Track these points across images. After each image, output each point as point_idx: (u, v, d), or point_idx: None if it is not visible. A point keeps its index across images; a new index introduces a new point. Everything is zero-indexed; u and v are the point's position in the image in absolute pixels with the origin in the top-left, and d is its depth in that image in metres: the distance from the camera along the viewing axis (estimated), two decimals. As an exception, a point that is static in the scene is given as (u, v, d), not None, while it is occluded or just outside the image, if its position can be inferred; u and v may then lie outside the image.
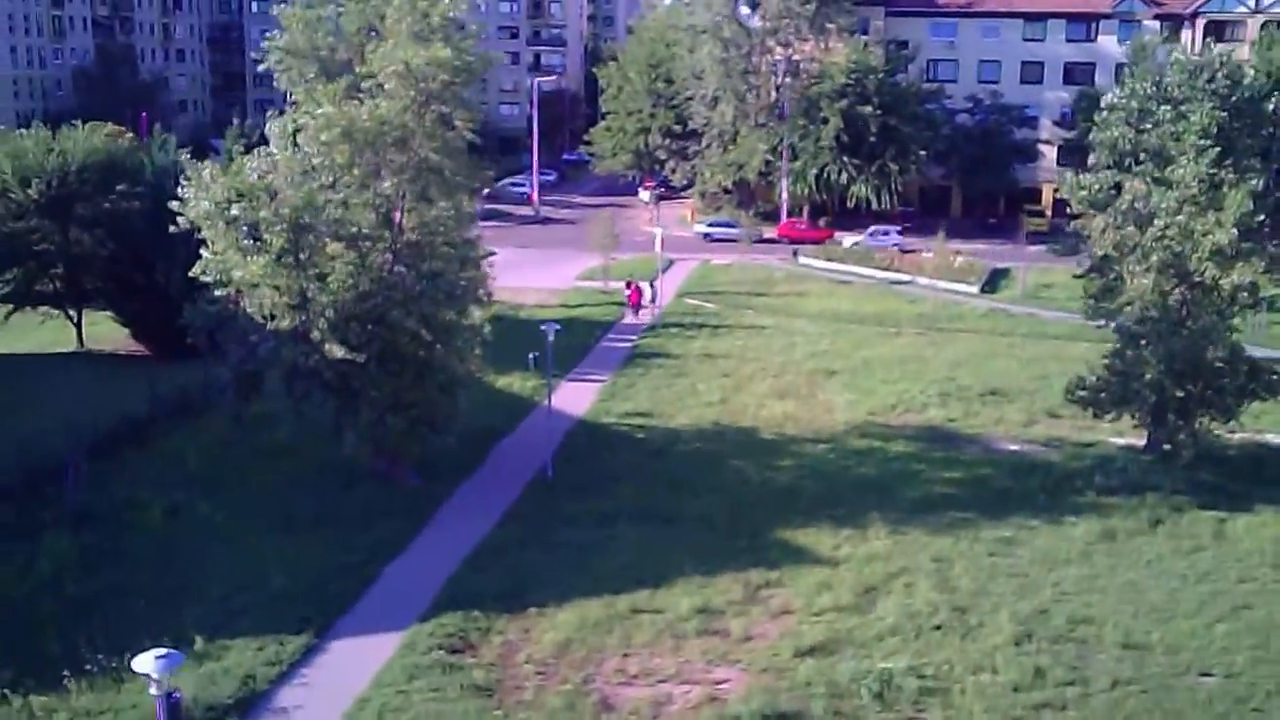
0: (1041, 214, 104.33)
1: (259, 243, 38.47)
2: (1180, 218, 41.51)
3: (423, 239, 41.91)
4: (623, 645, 31.22)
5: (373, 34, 41.36)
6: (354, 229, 39.98)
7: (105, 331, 64.62)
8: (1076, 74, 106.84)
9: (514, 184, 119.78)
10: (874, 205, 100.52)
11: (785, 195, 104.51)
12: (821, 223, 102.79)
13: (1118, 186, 44.42)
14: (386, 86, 39.41)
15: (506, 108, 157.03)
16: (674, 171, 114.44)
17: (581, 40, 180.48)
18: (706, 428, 49.88)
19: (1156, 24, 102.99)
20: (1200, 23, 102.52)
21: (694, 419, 50.98)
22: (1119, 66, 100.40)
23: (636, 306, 71.69)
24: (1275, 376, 43.61)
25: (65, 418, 44.99)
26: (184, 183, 39.80)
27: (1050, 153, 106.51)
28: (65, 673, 28.45)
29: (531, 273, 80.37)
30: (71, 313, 64.36)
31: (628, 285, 73.30)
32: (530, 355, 54.09)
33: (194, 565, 35.72)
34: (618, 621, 32.31)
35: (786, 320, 70.04)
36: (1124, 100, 44.51)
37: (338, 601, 33.45)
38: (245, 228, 38.60)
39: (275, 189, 39.07)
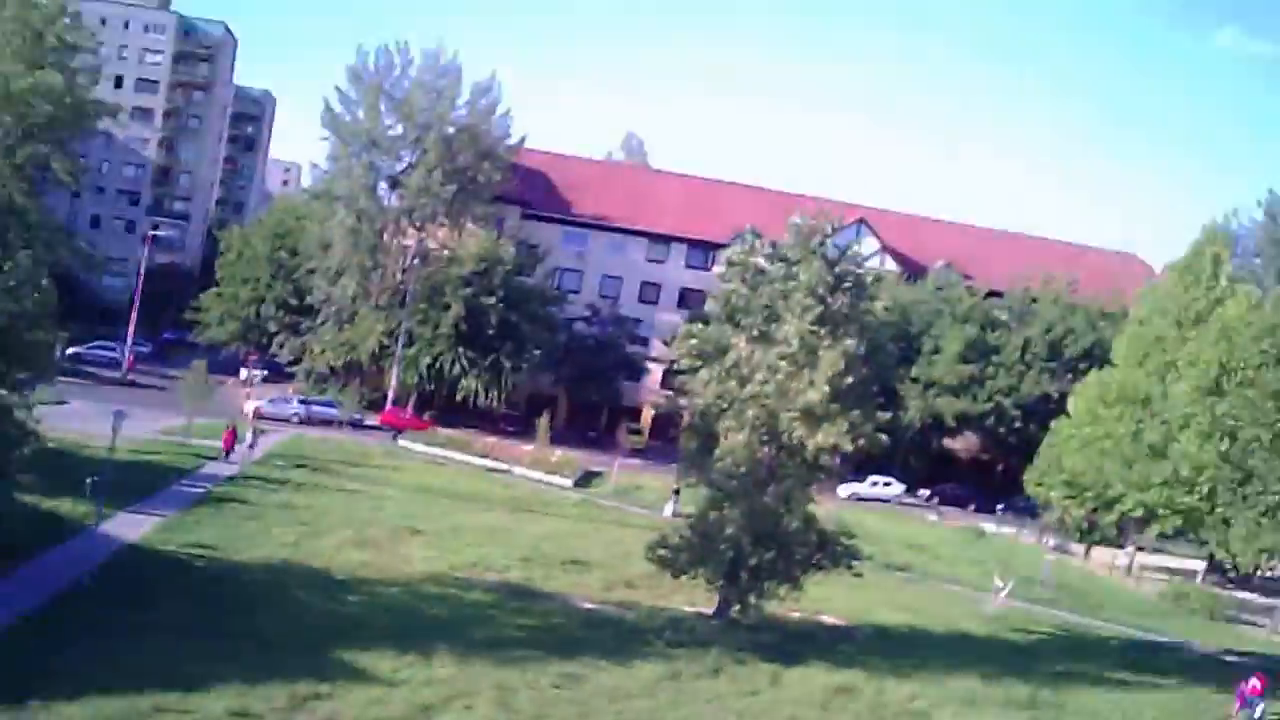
0: (640, 432, 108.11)
1: None
2: (779, 376, 42.20)
3: None
4: (140, 745, 27.73)
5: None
6: None
7: None
8: (690, 300, 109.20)
9: (104, 347, 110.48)
10: (481, 401, 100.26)
11: (395, 382, 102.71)
12: (426, 416, 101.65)
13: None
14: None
15: (111, 279, 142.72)
16: (282, 346, 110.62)
17: (206, 219, 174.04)
18: (275, 563, 46.65)
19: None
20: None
21: (264, 556, 47.60)
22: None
23: (229, 451, 68.75)
24: (840, 549, 45.07)
25: None
26: None
27: (657, 373, 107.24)
28: None
29: (109, 424, 74.00)
30: None
31: (228, 428, 70.48)
32: (89, 479, 49.74)
33: None
34: (137, 718, 28.80)
35: (378, 488, 67.55)
36: (742, 256, 45.54)
37: None
38: None
39: None
